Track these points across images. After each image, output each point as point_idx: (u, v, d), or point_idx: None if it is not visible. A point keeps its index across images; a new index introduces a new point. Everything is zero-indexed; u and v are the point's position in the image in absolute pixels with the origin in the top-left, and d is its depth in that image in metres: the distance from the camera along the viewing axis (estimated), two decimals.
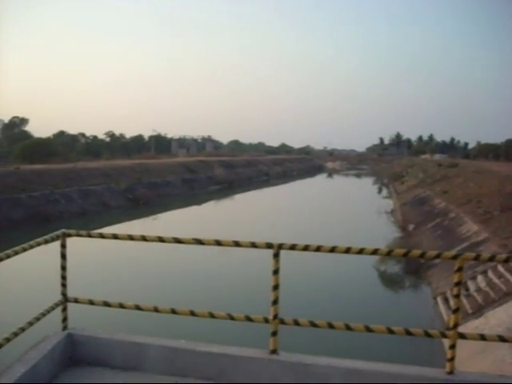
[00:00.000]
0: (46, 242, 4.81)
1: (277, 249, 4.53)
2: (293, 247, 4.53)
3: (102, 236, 5.18)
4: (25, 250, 4.44)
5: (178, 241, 4.79)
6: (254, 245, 4.63)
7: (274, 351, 4.72)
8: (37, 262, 16.48)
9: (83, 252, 16.57)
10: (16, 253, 4.29)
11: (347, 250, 4.44)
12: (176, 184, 49.10)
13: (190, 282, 16.84)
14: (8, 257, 4.18)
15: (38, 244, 4.65)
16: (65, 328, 5.22)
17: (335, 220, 33.04)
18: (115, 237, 5.10)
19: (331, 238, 23.58)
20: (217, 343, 5.02)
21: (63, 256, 5.11)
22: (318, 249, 4.50)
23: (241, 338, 6.86)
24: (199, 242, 4.77)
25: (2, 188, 29.33)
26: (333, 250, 4.48)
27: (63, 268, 5.15)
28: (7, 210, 27.56)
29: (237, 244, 4.66)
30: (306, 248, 4.51)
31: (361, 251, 4.43)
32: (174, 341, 5.05)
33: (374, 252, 4.48)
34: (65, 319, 5.23)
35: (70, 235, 5.06)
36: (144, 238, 4.90)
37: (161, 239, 4.84)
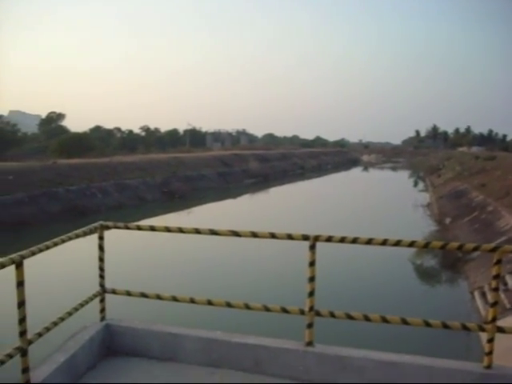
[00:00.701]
0: (85, 234, 4.87)
1: (313, 241, 4.51)
2: (329, 239, 4.50)
3: (139, 228, 5.21)
4: (64, 241, 4.48)
5: (214, 233, 4.79)
6: (290, 237, 4.62)
7: (309, 343, 4.70)
8: (75, 254, 16.72)
9: (119, 244, 16.74)
10: (55, 244, 4.33)
11: (384, 242, 4.40)
12: (211, 177, 49.24)
13: (226, 273, 16.87)
14: (47, 248, 4.21)
15: (77, 236, 4.72)
16: (103, 319, 5.30)
17: (370, 213, 32.74)
18: (152, 229, 5.14)
19: (367, 230, 23.32)
20: (252, 335, 5.04)
21: (101, 248, 5.17)
22: (355, 241, 4.45)
23: (276, 330, 6.82)
24: (235, 233, 4.74)
25: (40, 182, 29.81)
26: (369, 242, 4.44)
27: (101, 260, 5.21)
28: (45, 203, 28.01)
29: (273, 236, 4.65)
30: (342, 240, 4.46)
31: (397, 243, 4.38)
32: (210, 332, 5.09)
33: (411, 244, 4.43)
34: (103, 310, 5.32)
35: (107, 227, 5.13)
36: (181, 230, 4.93)
37: (197, 231, 4.86)
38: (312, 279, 4.57)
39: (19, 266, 3.82)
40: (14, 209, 25.78)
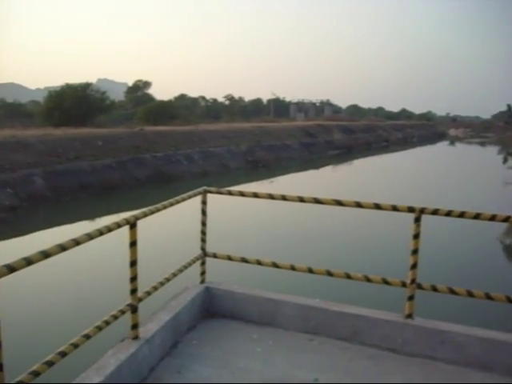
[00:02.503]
0: (189, 197, 5.06)
1: (418, 213, 4.47)
2: (435, 212, 4.46)
3: (241, 194, 5.30)
4: (172, 204, 4.70)
5: (317, 201, 4.82)
6: (395, 208, 4.58)
7: (409, 315, 4.73)
8: (171, 217, 16.76)
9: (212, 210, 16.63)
10: (165, 207, 4.55)
11: (492, 218, 4.31)
12: (294, 147, 48.84)
13: (325, 242, 16.47)
14: (158, 210, 4.43)
15: (183, 199, 4.90)
16: (203, 281, 5.56)
17: (458, 190, 31.50)
18: (255, 195, 5.21)
19: (454, 206, 22.39)
20: (351, 304, 5.13)
21: (203, 212, 5.37)
22: (462, 215, 4.37)
23: (375, 301, 6.64)
24: (339, 203, 4.78)
25: (127, 148, 30.44)
26: (477, 216, 4.33)
27: (203, 224, 5.41)
28: (133, 168, 28.57)
29: (377, 207, 4.66)
30: (448, 213, 4.40)
31: (507, 219, 4.33)
32: (308, 299, 5.22)
33: None
34: (203, 273, 5.57)
35: (210, 192, 5.32)
36: (284, 198, 5.03)
37: (301, 199, 4.92)
38: (415, 252, 4.57)
39: (133, 226, 4.01)
40: (103, 173, 26.45)
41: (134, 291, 4.11)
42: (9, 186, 21.70)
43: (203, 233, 5.44)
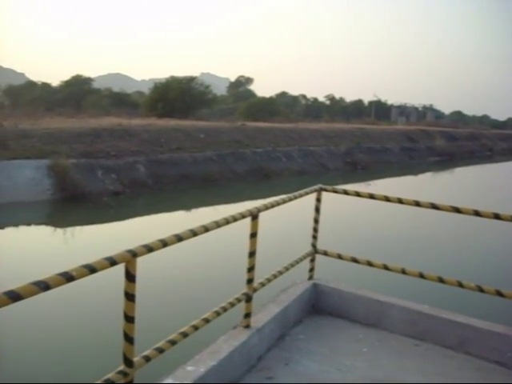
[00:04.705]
0: (306, 194, 5.09)
1: None
2: None
3: (357, 194, 5.23)
4: (291, 199, 4.72)
5: (434, 206, 4.70)
6: None
7: None
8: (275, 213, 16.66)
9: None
10: (284, 201, 4.59)
11: None
12: (394, 151, 47.71)
13: (437, 248, 15.81)
14: (278, 204, 4.48)
15: (300, 195, 4.93)
16: (311, 278, 5.61)
17: None
18: (371, 196, 5.17)
19: None
20: (461, 313, 5.01)
21: (317, 209, 5.39)
22: None
23: (484, 312, 6.28)
24: (456, 210, 4.64)
25: (227, 142, 30.75)
26: None
27: (316, 221, 5.41)
28: (232, 162, 28.77)
29: (497, 217, 4.44)
30: None
31: None
32: (417, 304, 5.16)
33: None
34: (312, 269, 5.61)
35: (326, 190, 5.37)
36: (400, 201, 4.91)
37: (417, 203, 4.84)
38: None
39: (255, 218, 4.14)
40: (203, 165, 26.77)
41: (250, 281, 4.25)
42: (114, 171, 22.39)
43: (315, 230, 5.45)
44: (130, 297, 2.85)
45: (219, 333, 4.24)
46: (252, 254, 4.20)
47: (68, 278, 2.33)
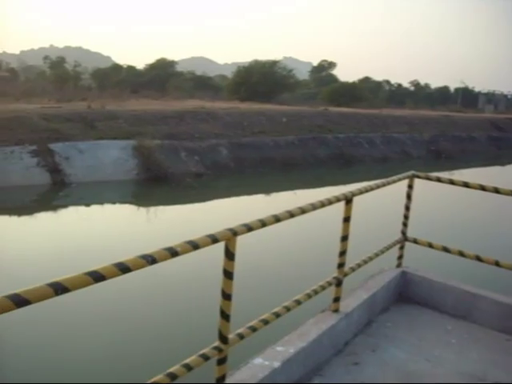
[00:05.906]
0: (399, 180, 5.04)
1: None
2: None
3: (451, 182, 5.16)
4: (384, 185, 4.70)
5: None
6: None
7: None
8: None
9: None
10: (378, 186, 4.59)
11: None
12: (481, 141, 46.04)
13: None
14: (372, 189, 4.47)
15: (393, 181, 4.89)
16: (399, 265, 5.53)
17: None
18: (466, 185, 5.07)
19: None
20: None
21: (409, 196, 5.32)
22: None
23: None
24: None
25: (309, 127, 30.54)
26: None
27: (407, 208, 5.34)
28: (313, 147, 28.60)
29: None
30: None
31: None
32: (510, 298, 5.01)
33: None
34: (400, 257, 5.52)
35: (418, 177, 5.28)
36: (497, 190, 4.80)
37: None
38: None
39: (349, 202, 4.08)
40: (285, 149, 26.78)
41: (341, 265, 4.24)
42: (197, 153, 22.76)
43: (406, 217, 5.37)
44: (228, 275, 2.90)
45: (304, 316, 4.27)
46: (344, 239, 4.18)
47: (173, 253, 2.41)
